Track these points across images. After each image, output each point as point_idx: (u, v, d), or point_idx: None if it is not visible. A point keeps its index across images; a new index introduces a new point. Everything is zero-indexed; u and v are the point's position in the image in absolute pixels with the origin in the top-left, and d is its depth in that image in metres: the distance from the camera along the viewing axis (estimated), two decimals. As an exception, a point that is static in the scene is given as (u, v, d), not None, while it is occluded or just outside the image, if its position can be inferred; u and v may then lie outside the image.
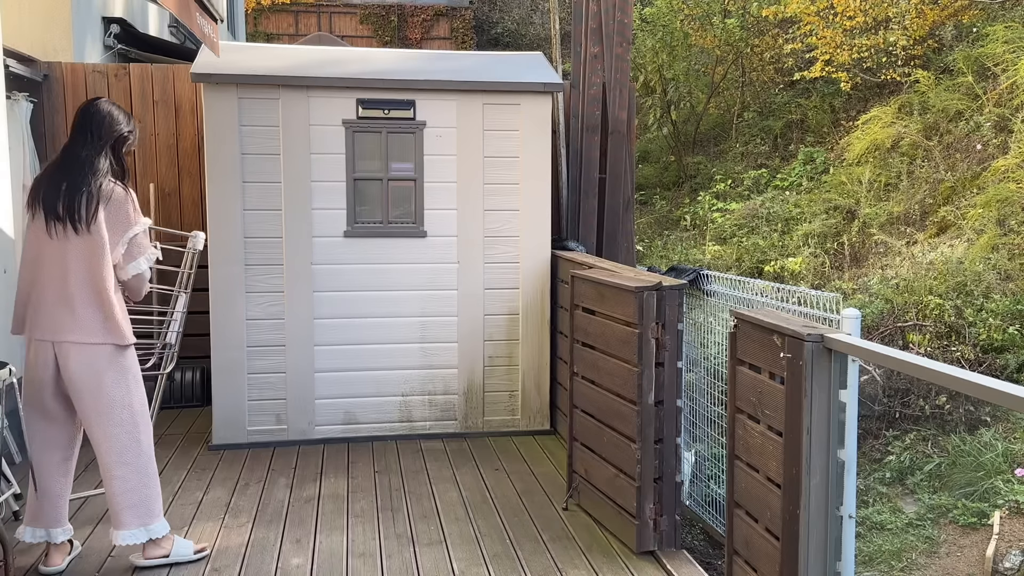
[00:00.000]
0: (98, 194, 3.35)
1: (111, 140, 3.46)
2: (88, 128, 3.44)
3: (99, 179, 3.37)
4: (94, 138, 3.43)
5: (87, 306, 3.36)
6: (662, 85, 12.96)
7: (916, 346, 6.76)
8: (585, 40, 6.47)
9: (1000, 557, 4.99)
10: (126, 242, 3.40)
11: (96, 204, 3.34)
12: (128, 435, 3.43)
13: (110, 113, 3.49)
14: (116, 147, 3.50)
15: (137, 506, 3.47)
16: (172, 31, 10.15)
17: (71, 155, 3.41)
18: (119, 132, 3.50)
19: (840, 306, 3.33)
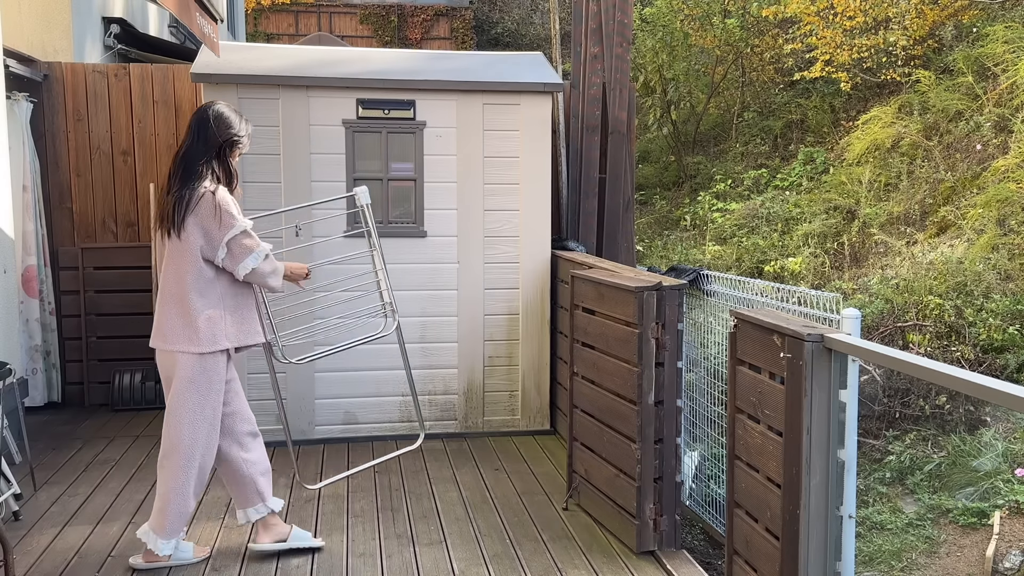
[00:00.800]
0: (188, 199, 3.33)
1: (217, 144, 3.43)
2: (195, 132, 3.43)
3: (193, 184, 3.35)
4: (199, 142, 3.41)
5: (169, 312, 3.40)
6: (662, 85, 12.96)
7: (916, 346, 6.76)
8: (585, 40, 6.47)
9: (1000, 557, 4.99)
10: (224, 246, 3.35)
11: (185, 209, 3.32)
12: (170, 443, 3.47)
13: (219, 116, 3.45)
14: (222, 152, 3.46)
15: (159, 511, 3.50)
16: (172, 31, 10.15)
17: (176, 160, 3.42)
18: (228, 136, 3.46)
19: (840, 306, 3.33)
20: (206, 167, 3.39)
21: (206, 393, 3.44)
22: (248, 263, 3.38)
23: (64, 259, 6.17)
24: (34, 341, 5.84)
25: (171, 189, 3.38)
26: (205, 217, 3.33)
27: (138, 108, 6.27)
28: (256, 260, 3.40)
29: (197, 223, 3.33)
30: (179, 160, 3.41)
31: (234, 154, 3.51)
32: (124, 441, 5.38)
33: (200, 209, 3.33)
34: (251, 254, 3.38)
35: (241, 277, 3.41)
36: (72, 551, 3.77)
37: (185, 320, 3.37)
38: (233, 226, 3.36)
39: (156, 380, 6.16)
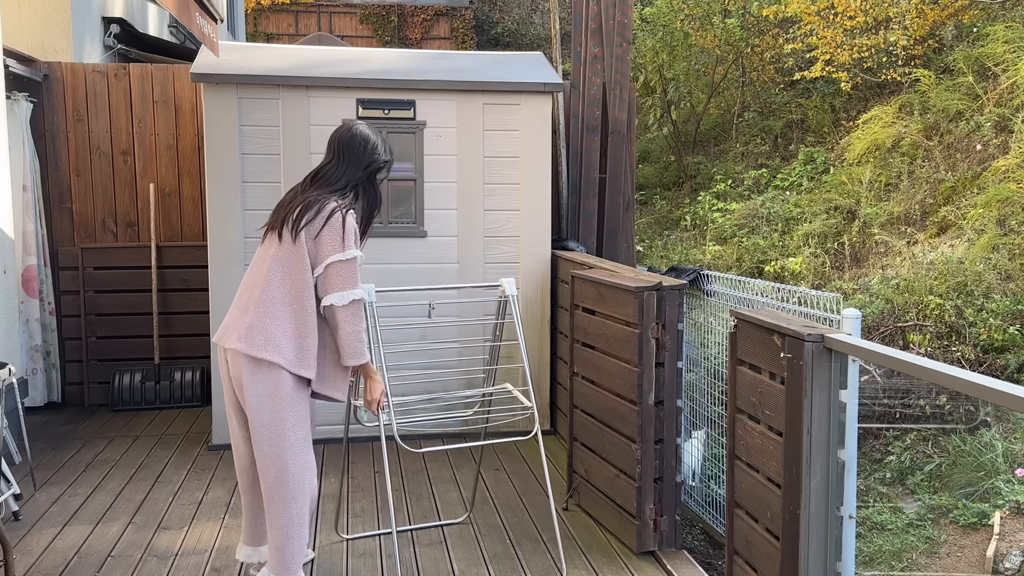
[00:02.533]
0: (315, 206, 3.07)
1: (358, 164, 3.22)
2: (337, 150, 3.23)
3: (335, 197, 3.13)
4: (343, 161, 3.20)
5: (276, 320, 3.05)
6: (662, 85, 12.95)
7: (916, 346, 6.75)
8: (585, 40, 6.46)
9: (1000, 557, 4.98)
10: (325, 266, 3.04)
11: (310, 216, 3.06)
12: (276, 472, 3.09)
13: (364, 135, 3.25)
14: (370, 176, 3.26)
15: (279, 550, 3.13)
16: (172, 31, 10.15)
17: (314, 173, 3.22)
18: (377, 162, 3.25)
19: (840, 306, 3.32)
20: (347, 188, 3.19)
21: (304, 413, 3.13)
22: (332, 297, 3.04)
23: (64, 259, 6.17)
24: (34, 341, 5.84)
25: (300, 197, 3.13)
26: (327, 230, 3.05)
27: (138, 108, 6.26)
28: (343, 299, 3.04)
29: (320, 235, 3.05)
30: (318, 175, 3.20)
31: (378, 179, 3.30)
32: (124, 441, 5.38)
33: (330, 223, 3.05)
34: (341, 291, 3.04)
35: (323, 307, 3.07)
36: (72, 551, 3.77)
37: (298, 336, 3.06)
38: (346, 249, 3.06)
39: (156, 380, 6.16)
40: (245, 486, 3.30)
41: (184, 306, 6.27)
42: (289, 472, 3.07)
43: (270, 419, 3.04)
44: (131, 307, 6.22)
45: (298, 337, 3.05)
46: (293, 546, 3.11)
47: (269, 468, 3.08)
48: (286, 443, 3.06)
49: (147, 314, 6.22)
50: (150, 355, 6.22)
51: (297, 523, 3.11)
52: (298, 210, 3.08)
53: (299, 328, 3.05)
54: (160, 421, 5.84)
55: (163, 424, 5.76)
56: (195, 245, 6.20)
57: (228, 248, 5.13)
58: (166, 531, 4.00)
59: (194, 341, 6.24)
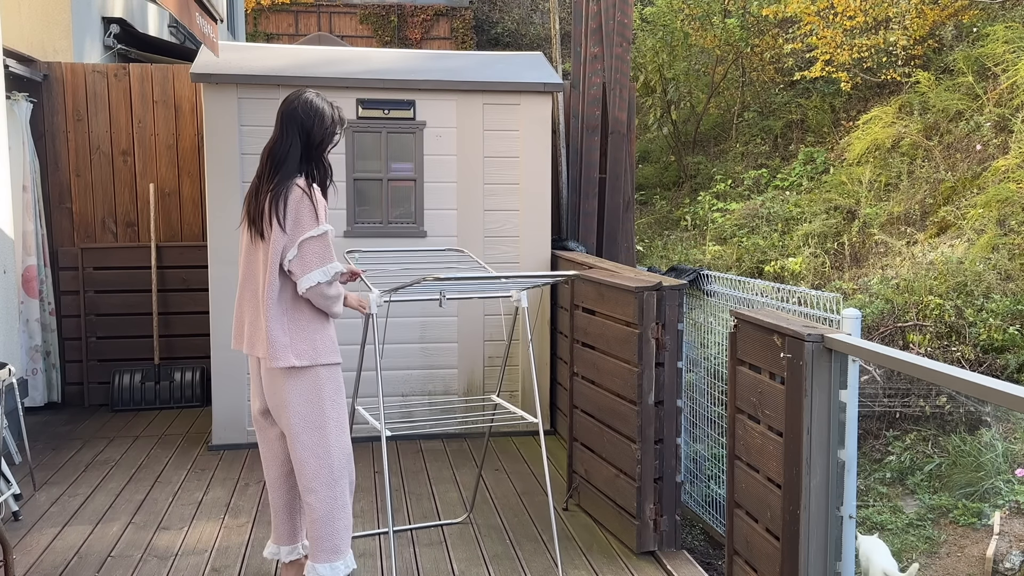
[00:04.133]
0: (282, 195, 3.01)
1: (310, 139, 3.11)
2: (284, 126, 3.10)
3: (290, 181, 3.04)
4: (289, 136, 3.09)
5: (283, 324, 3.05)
6: (662, 85, 12.95)
7: (916, 346, 6.75)
8: (585, 40, 6.46)
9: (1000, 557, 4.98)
10: (297, 246, 2.99)
11: (280, 206, 2.99)
12: (318, 463, 3.12)
13: (308, 105, 3.11)
14: (318, 147, 3.14)
15: (324, 538, 3.15)
16: (172, 31, 10.15)
17: (266, 157, 3.12)
18: (314, 128, 3.11)
19: (840, 306, 3.32)
20: (301, 164, 3.09)
21: (341, 398, 3.17)
22: (314, 275, 3.01)
23: (64, 259, 6.16)
24: (34, 341, 5.84)
25: (265, 188, 3.07)
26: (292, 215, 3.00)
27: (138, 108, 6.26)
28: (324, 275, 3.02)
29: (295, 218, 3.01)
30: (269, 157, 3.09)
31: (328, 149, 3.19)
32: (124, 441, 5.38)
33: (296, 204, 3.01)
34: (321, 267, 3.01)
35: (302, 290, 3.02)
36: (72, 551, 3.77)
37: (312, 331, 3.08)
38: (316, 225, 3.01)
39: (156, 380, 6.16)
40: (277, 482, 3.32)
41: (184, 306, 6.27)
42: (331, 456, 3.12)
43: (310, 412, 3.10)
44: (131, 307, 6.22)
45: (317, 329, 3.09)
46: (340, 528, 3.16)
47: (309, 457, 3.11)
48: (327, 430, 3.12)
49: (147, 314, 6.22)
50: (150, 355, 6.22)
51: (341, 505, 3.16)
52: (281, 203, 3.00)
53: (314, 319, 3.09)
54: (160, 421, 5.84)
55: (163, 424, 5.76)
56: (195, 245, 6.20)
57: (228, 248, 5.13)
58: (166, 531, 4.00)
59: (194, 341, 6.24)
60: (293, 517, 3.38)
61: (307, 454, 3.11)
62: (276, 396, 3.12)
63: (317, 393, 3.10)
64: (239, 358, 5.18)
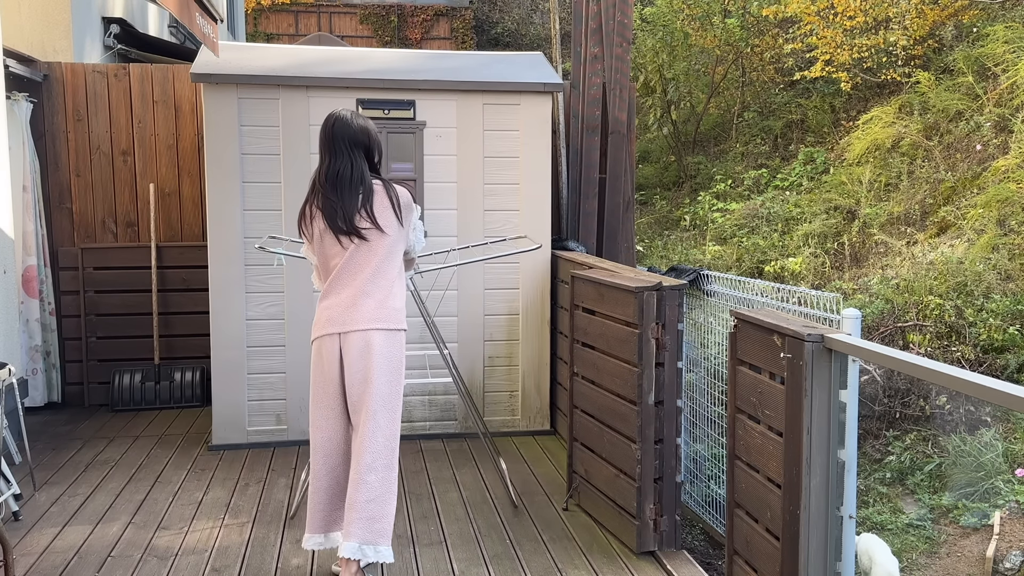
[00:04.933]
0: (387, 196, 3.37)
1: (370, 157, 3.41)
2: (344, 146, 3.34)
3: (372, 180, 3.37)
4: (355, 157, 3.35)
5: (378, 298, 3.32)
6: (662, 85, 12.95)
7: (916, 346, 6.75)
8: (585, 40, 6.46)
9: (1000, 557, 4.99)
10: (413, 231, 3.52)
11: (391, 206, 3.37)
12: (385, 438, 3.26)
13: (365, 128, 3.39)
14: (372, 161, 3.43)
15: (378, 519, 3.20)
16: (172, 31, 10.15)
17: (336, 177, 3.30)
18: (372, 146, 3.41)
19: (840, 306, 3.32)
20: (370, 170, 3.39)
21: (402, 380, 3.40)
22: (422, 239, 3.59)
23: (64, 259, 6.17)
24: (34, 341, 5.84)
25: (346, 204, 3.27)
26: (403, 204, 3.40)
27: (138, 108, 6.26)
28: (422, 237, 3.60)
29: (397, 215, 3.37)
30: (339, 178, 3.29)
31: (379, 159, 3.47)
32: (124, 441, 5.38)
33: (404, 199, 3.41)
34: (421, 230, 3.60)
35: (418, 252, 3.61)
36: (72, 551, 3.77)
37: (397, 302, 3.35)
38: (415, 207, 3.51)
39: (156, 380, 6.16)
40: (330, 468, 3.34)
41: (184, 306, 6.27)
42: (396, 436, 3.27)
43: (390, 386, 3.26)
44: (131, 307, 6.22)
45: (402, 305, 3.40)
46: (392, 510, 3.23)
47: (377, 434, 3.22)
48: (398, 407, 3.29)
49: (147, 314, 6.22)
50: (150, 355, 6.22)
51: (394, 488, 3.25)
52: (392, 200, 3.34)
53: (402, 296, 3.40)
54: (160, 421, 5.84)
55: (163, 424, 5.76)
56: (195, 245, 6.20)
57: (228, 248, 5.13)
58: (166, 531, 4.00)
59: (194, 341, 6.24)
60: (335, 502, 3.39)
61: (375, 430, 3.21)
62: (363, 371, 3.25)
63: (400, 361, 3.32)
64: (239, 358, 5.18)
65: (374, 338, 3.27)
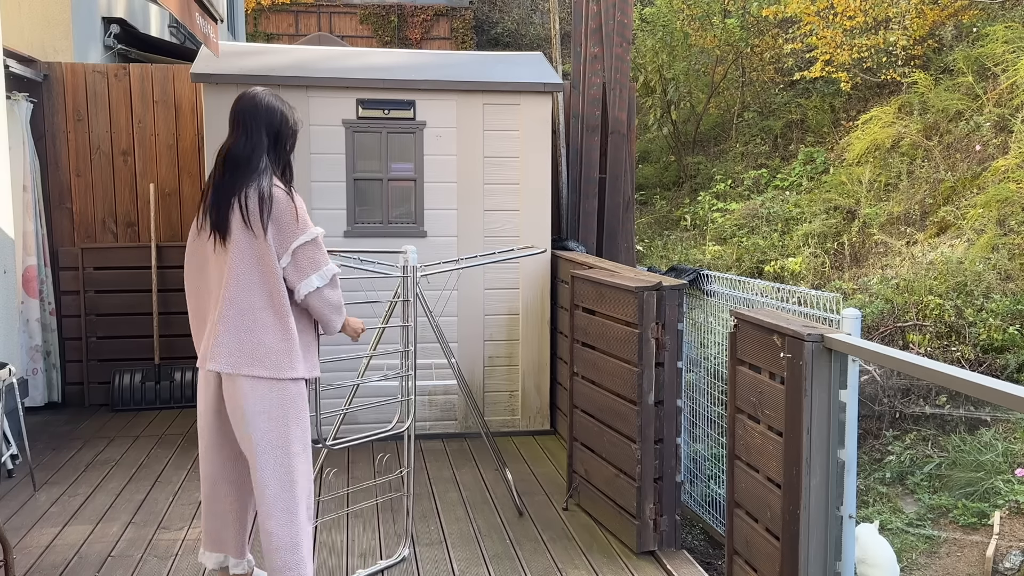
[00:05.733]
0: (263, 197, 2.85)
1: (274, 137, 2.96)
2: (243, 124, 2.93)
3: (259, 180, 2.87)
4: (254, 135, 2.92)
5: (254, 331, 2.87)
6: (662, 85, 12.95)
7: (916, 346, 6.75)
8: (585, 40, 6.46)
9: (1000, 557, 4.99)
10: (291, 253, 2.86)
11: (263, 210, 2.83)
12: (280, 485, 2.91)
13: (270, 106, 2.96)
14: (281, 146, 2.99)
15: (293, 567, 2.94)
16: (172, 31, 10.15)
17: (225, 159, 2.92)
18: (281, 128, 2.98)
19: (840, 306, 3.32)
20: (267, 164, 2.91)
21: (305, 416, 2.97)
22: (313, 280, 2.87)
23: (64, 259, 6.16)
24: (34, 341, 5.84)
25: (232, 191, 2.87)
26: (279, 218, 2.85)
27: (138, 108, 6.26)
28: (322, 279, 2.89)
29: (273, 226, 2.85)
30: (230, 159, 2.90)
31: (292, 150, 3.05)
32: (124, 441, 5.38)
33: (276, 209, 2.85)
34: (318, 270, 2.88)
35: (301, 296, 2.88)
36: (72, 551, 3.77)
37: (284, 342, 2.87)
38: (307, 231, 2.88)
39: (156, 380, 6.16)
40: (221, 493, 3.08)
41: (184, 306, 6.19)
42: (295, 481, 2.92)
43: (275, 433, 2.89)
44: (131, 307, 6.22)
45: (287, 339, 2.88)
46: (304, 553, 2.96)
47: (270, 481, 2.90)
48: (291, 451, 2.91)
49: (147, 314, 6.22)
50: (150, 355, 6.22)
51: (305, 529, 2.96)
52: (254, 201, 2.84)
53: (286, 329, 2.88)
54: (160, 421, 5.84)
55: (163, 424, 5.76)
56: (195, 245, 6.19)
57: (228, 248, 5.12)
58: (166, 531, 4.00)
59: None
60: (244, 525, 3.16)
61: (268, 476, 2.89)
62: (238, 410, 2.89)
63: (283, 410, 2.89)
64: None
65: (241, 385, 2.86)
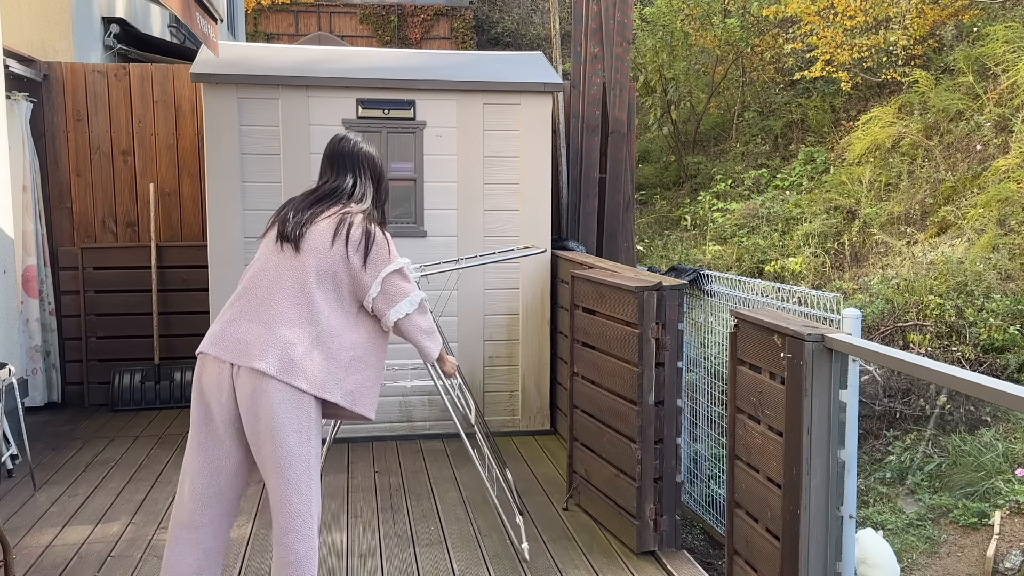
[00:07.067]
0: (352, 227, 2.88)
1: (378, 184, 3.09)
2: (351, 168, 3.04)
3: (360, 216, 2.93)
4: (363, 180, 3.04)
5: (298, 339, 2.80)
6: (662, 85, 12.95)
7: (916, 346, 6.75)
8: (585, 40, 6.46)
9: (1000, 557, 4.98)
10: (379, 283, 2.88)
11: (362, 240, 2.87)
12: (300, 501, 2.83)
13: (373, 156, 3.11)
14: (379, 192, 3.09)
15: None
16: (172, 31, 10.15)
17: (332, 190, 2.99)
18: (382, 177, 3.12)
19: (840, 306, 3.32)
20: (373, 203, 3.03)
21: (320, 435, 2.91)
22: (402, 307, 2.90)
23: (64, 259, 6.16)
24: (34, 341, 5.84)
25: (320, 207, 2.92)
26: (374, 248, 2.88)
27: (138, 108, 6.26)
28: (411, 305, 2.92)
29: (370, 261, 2.87)
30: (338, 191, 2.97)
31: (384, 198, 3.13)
32: (124, 441, 5.38)
33: (375, 241, 2.89)
34: (406, 298, 2.91)
35: (390, 324, 2.91)
36: (72, 551, 3.77)
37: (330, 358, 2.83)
38: (393, 260, 2.91)
39: (156, 380, 6.16)
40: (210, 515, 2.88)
41: (184, 306, 6.27)
42: (312, 498, 2.86)
43: (300, 448, 2.79)
44: (131, 307, 6.22)
45: (329, 359, 2.82)
46: (315, 567, 2.90)
47: (291, 496, 2.80)
48: (312, 469, 2.85)
49: (147, 314, 6.22)
50: (150, 355, 6.22)
51: (315, 548, 2.90)
52: (359, 231, 2.88)
53: (330, 350, 2.82)
54: (160, 421, 5.84)
55: (163, 424, 5.76)
56: (195, 245, 6.20)
57: (228, 248, 5.13)
58: (166, 531, 4.00)
59: (194, 341, 6.23)
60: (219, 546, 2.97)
61: (288, 492, 2.80)
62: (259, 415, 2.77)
63: (310, 426, 2.82)
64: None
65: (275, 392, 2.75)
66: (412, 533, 4.01)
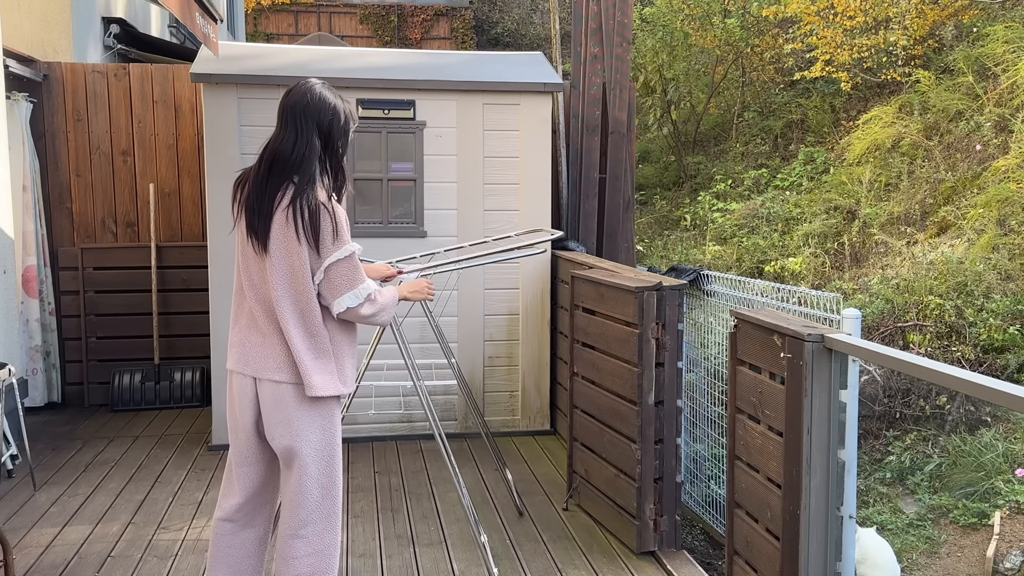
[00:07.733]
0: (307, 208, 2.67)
1: (326, 138, 2.76)
2: (294, 121, 2.73)
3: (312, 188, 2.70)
4: (305, 134, 2.72)
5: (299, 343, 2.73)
6: (662, 85, 12.95)
7: (916, 346, 6.75)
8: (585, 40, 6.46)
9: (1000, 557, 4.98)
10: (323, 270, 2.70)
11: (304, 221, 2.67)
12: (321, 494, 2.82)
13: (323, 100, 2.75)
14: (330, 147, 2.78)
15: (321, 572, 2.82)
16: (172, 31, 10.15)
17: (273, 157, 2.73)
18: (333, 127, 2.76)
19: (840, 306, 3.32)
20: (317, 169, 2.73)
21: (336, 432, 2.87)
22: (345, 299, 2.72)
23: (64, 259, 6.16)
24: (34, 341, 5.84)
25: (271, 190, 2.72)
26: (322, 227, 2.68)
27: (138, 108, 6.26)
28: (356, 299, 2.73)
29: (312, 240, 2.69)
30: (278, 159, 2.72)
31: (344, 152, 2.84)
32: (124, 441, 5.38)
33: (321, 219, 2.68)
34: (351, 290, 2.72)
35: (335, 314, 2.75)
36: (72, 551, 3.77)
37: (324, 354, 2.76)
38: (343, 247, 2.71)
39: (156, 380, 6.16)
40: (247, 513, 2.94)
41: (184, 306, 6.27)
42: (336, 486, 2.84)
43: (323, 444, 2.80)
44: (131, 307, 6.22)
45: (324, 356, 2.76)
46: (335, 562, 2.87)
47: (314, 487, 2.79)
48: (335, 459, 2.84)
49: (147, 314, 6.22)
50: (150, 355, 6.22)
51: (337, 540, 2.88)
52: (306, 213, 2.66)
53: (321, 344, 2.76)
54: (160, 421, 5.84)
55: (163, 424, 5.76)
56: (195, 245, 6.20)
57: (228, 248, 5.12)
58: (166, 531, 4.00)
59: (194, 341, 6.24)
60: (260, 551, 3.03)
61: (312, 483, 2.78)
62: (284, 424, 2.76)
63: (331, 423, 2.81)
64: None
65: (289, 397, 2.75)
66: (412, 533, 4.02)
